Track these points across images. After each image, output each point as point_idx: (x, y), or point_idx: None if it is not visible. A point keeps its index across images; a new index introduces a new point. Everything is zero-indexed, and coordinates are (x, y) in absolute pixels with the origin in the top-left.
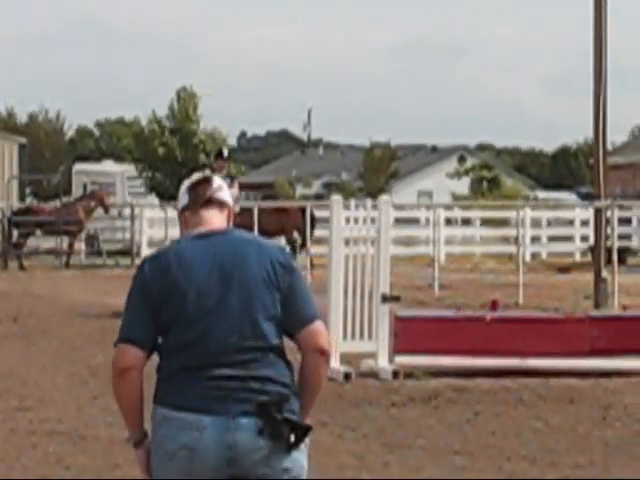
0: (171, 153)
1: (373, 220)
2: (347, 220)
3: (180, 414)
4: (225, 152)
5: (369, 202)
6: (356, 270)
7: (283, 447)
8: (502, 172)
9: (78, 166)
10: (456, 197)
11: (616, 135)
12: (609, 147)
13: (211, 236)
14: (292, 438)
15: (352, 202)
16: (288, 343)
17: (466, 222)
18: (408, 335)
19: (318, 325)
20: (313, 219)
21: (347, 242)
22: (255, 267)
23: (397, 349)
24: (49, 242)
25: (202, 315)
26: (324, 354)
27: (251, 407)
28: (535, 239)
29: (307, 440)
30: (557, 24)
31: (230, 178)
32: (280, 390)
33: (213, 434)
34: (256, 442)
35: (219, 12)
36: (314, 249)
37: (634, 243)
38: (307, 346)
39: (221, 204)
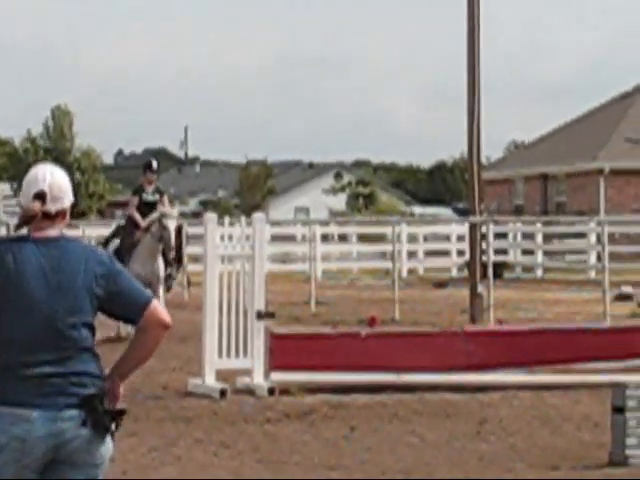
0: None
1: (248, 237)
2: (222, 237)
3: (10, 409)
4: (154, 164)
5: (244, 219)
6: (231, 287)
7: (102, 435)
8: (378, 188)
9: None
10: (333, 213)
11: (492, 150)
12: (485, 162)
13: (44, 241)
14: (113, 426)
15: (226, 219)
16: None
17: (343, 238)
18: (284, 352)
19: (155, 304)
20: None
21: (222, 259)
22: (80, 274)
23: (273, 366)
24: None
25: (26, 315)
26: (167, 327)
27: (76, 400)
28: (412, 254)
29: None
30: (431, 38)
31: (160, 193)
32: (98, 384)
33: (42, 426)
34: (79, 431)
35: (94, 29)
36: (191, 267)
37: (510, 258)
38: (151, 323)
39: (57, 213)
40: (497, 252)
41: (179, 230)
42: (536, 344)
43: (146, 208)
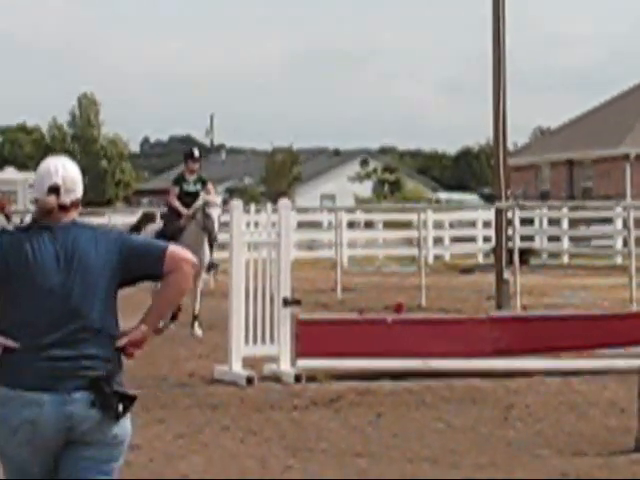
0: (73, 159)
1: (274, 224)
2: (248, 225)
3: (21, 392)
4: (196, 152)
5: (269, 206)
6: (257, 274)
7: (112, 416)
8: (404, 175)
9: None
10: (359, 200)
11: (518, 136)
12: (510, 148)
13: (54, 227)
14: (120, 408)
15: (252, 207)
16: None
17: (369, 225)
18: (310, 338)
19: (173, 248)
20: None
21: (248, 247)
22: (92, 254)
23: (299, 352)
24: None
25: (37, 298)
26: (191, 264)
27: (84, 382)
28: (438, 241)
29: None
30: (456, 27)
31: (202, 182)
32: (109, 367)
33: (52, 408)
34: (88, 412)
35: (122, 19)
36: (218, 254)
37: (536, 244)
38: (175, 263)
39: (72, 204)
40: (523, 238)
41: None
42: (562, 330)
43: (187, 198)
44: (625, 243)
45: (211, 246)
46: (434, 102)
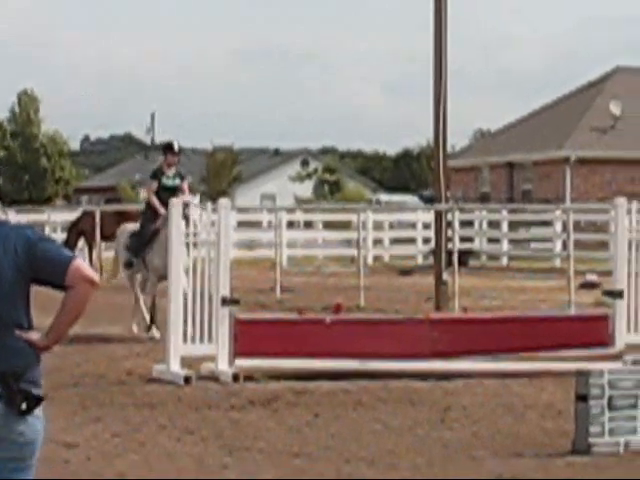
0: (12, 157)
1: (213, 223)
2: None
3: None
4: (175, 145)
5: (209, 206)
6: (196, 273)
7: (16, 413)
8: (345, 175)
9: None
10: (299, 200)
11: (458, 139)
12: (451, 150)
13: None
14: (24, 406)
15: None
16: None
17: (308, 225)
18: (248, 338)
19: (78, 262)
20: None
21: (187, 246)
22: (7, 254)
23: (237, 352)
24: None
25: None
26: (93, 283)
27: None
28: (377, 242)
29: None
30: (398, 27)
31: (180, 177)
32: (23, 362)
33: None
34: None
35: (63, 15)
36: None
37: (476, 246)
38: (76, 279)
39: None
40: (463, 240)
41: None
42: (501, 332)
43: (165, 194)
44: (564, 246)
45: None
46: (375, 103)
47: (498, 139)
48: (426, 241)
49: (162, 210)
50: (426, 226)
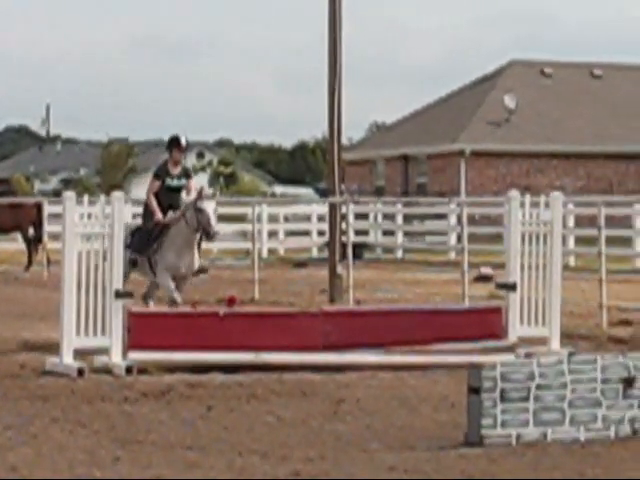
0: None
1: (107, 216)
2: (81, 216)
3: None
4: (183, 140)
5: (103, 198)
6: (89, 266)
7: None
8: (240, 168)
9: None
10: None
11: (354, 131)
12: (346, 143)
13: None
14: None
15: (86, 198)
16: None
17: None
18: (142, 331)
19: None
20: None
21: (81, 238)
22: None
23: (131, 345)
24: None
25: None
26: None
27: None
28: (272, 234)
29: None
30: (294, 18)
31: (187, 176)
32: None
33: None
34: None
35: None
36: (51, 245)
37: (371, 238)
38: None
39: None
40: (357, 233)
41: (39, 208)
42: (395, 325)
43: (169, 195)
44: (459, 239)
45: (199, 246)
46: (272, 95)
47: (393, 132)
48: (321, 234)
49: (159, 215)
50: (321, 218)
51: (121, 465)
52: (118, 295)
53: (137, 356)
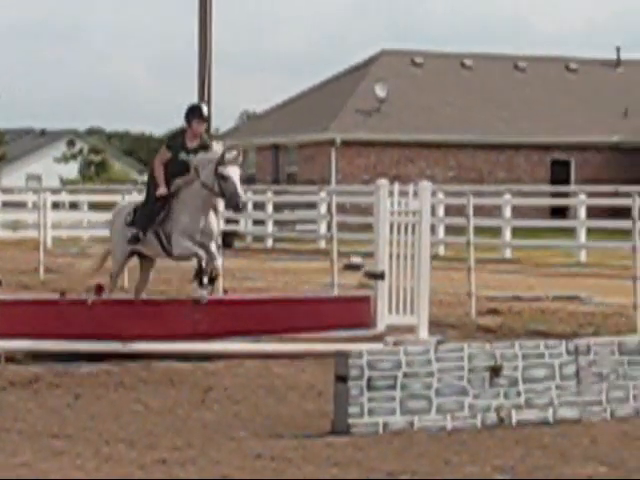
0: None
1: None
2: None
3: None
4: (204, 109)
5: None
6: None
7: None
8: (111, 156)
9: None
10: (64, 181)
11: (225, 121)
12: (215, 132)
13: None
14: None
15: None
16: None
17: (74, 206)
18: (9, 319)
19: None
20: None
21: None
22: None
23: None
24: None
25: None
26: None
27: None
28: None
29: None
30: (166, 5)
31: (204, 148)
32: None
33: None
34: None
35: None
36: None
37: (241, 227)
38: None
39: None
40: (228, 221)
41: None
42: (262, 313)
43: (180, 171)
44: (329, 227)
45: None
46: (143, 83)
47: (264, 121)
48: None
49: (163, 189)
50: None
51: None
52: None
53: (4, 344)
